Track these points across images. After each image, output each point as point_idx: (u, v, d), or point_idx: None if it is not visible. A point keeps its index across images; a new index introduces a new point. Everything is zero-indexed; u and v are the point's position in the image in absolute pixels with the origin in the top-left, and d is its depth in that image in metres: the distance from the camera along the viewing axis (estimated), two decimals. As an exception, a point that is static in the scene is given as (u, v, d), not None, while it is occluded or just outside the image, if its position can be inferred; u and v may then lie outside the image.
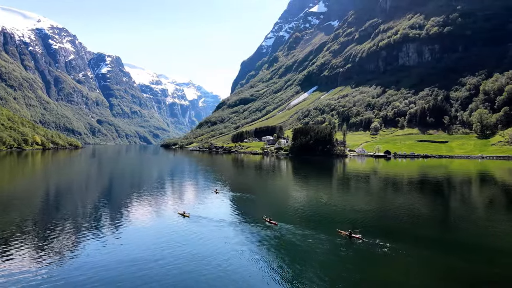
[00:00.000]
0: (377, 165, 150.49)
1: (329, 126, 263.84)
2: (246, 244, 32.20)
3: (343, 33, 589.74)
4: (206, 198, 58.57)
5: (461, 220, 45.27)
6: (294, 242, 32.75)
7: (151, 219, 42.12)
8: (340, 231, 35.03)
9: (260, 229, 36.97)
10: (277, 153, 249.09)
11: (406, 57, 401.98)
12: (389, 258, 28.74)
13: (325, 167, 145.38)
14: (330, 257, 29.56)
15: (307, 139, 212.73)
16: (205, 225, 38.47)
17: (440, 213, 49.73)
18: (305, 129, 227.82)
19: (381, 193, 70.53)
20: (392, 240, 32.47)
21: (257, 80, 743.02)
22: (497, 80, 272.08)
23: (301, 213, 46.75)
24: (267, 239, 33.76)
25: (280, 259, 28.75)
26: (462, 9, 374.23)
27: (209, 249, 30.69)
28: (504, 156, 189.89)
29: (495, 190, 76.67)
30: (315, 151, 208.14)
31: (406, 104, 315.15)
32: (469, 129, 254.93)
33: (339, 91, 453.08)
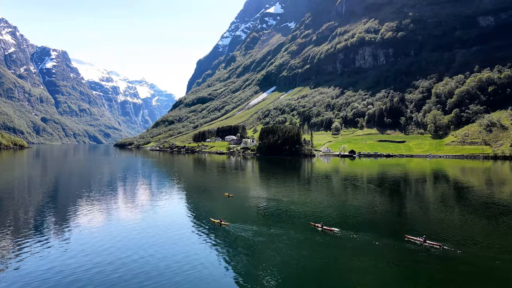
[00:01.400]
0: (343, 164, 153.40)
1: (292, 126, 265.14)
2: (196, 246, 32.57)
3: (300, 34, 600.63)
4: (160, 200, 58.00)
5: (412, 213, 49.33)
6: (245, 241, 33.76)
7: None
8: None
9: (212, 231, 37.13)
10: (244, 152, 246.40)
11: (363, 60, 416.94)
12: (347, 247, 31.94)
13: (295, 166, 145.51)
14: (290, 250, 31.17)
15: (275, 138, 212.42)
16: (154, 227, 38.49)
17: (397, 208, 53.32)
18: (272, 129, 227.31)
19: (348, 190, 73.74)
20: (352, 232, 36.07)
21: (215, 79, 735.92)
22: (447, 84, 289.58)
23: (262, 212, 47.07)
24: (215, 240, 34.23)
25: (228, 257, 29.66)
26: (413, 16, 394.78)
27: (159, 251, 30.83)
28: (459, 155, 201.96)
29: (446, 186, 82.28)
30: (283, 150, 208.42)
31: (365, 105, 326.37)
32: (424, 130, 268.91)
33: (298, 91, 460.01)
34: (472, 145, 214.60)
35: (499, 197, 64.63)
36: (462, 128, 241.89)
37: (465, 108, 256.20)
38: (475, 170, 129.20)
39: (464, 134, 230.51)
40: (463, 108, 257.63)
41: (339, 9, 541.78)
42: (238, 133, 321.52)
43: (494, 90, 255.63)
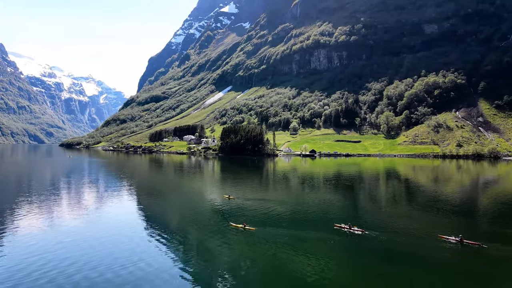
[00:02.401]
0: (306, 164, 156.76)
1: (255, 126, 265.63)
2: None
3: (256, 35, 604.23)
4: (109, 202, 56.70)
5: (364, 209, 53.17)
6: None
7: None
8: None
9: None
10: (205, 152, 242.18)
11: (318, 61, 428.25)
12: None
13: (265, 166, 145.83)
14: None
15: (238, 138, 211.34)
16: (97, 229, 37.89)
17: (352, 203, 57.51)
18: (234, 129, 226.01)
19: (308, 188, 76.65)
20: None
21: (168, 77, 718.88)
22: (397, 87, 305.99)
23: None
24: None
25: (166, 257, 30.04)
26: (365, 21, 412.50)
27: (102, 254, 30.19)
28: (411, 154, 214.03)
29: (397, 183, 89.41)
30: (246, 150, 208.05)
31: (321, 106, 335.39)
32: (377, 130, 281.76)
33: (254, 91, 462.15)
34: (422, 144, 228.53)
35: (444, 193, 69.60)
36: (412, 129, 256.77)
37: (414, 110, 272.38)
38: (425, 168, 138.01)
39: (414, 135, 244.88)
40: (412, 110, 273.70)
41: (294, 12, 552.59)
42: (197, 133, 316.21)
43: (439, 93, 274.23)
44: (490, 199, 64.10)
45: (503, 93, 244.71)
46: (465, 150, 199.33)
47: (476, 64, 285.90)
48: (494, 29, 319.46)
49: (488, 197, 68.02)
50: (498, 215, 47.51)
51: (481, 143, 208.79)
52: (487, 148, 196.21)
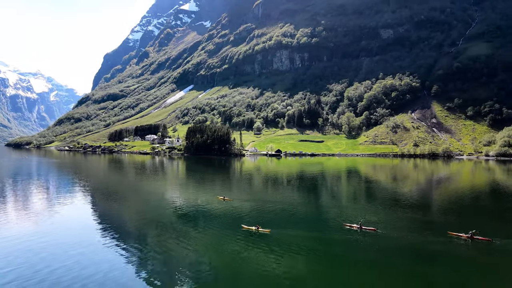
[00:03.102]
0: (271, 163, 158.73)
1: (221, 125, 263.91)
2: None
3: (217, 34, 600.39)
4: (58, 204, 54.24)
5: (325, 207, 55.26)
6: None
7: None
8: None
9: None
10: (170, 152, 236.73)
11: (280, 62, 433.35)
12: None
13: (235, 166, 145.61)
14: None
15: (204, 138, 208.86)
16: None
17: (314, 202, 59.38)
18: (200, 128, 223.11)
19: (273, 187, 78.35)
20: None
21: (126, 75, 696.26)
22: (357, 89, 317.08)
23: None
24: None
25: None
26: (325, 24, 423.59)
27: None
28: (372, 153, 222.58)
29: (358, 182, 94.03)
30: (212, 150, 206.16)
31: (284, 106, 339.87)
32: (339, 130, 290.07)
33: (217, 91, 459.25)
34: (382, 144, 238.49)
35: (401, 190, 74.53)
36: (372, 129, 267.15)
37: (374, 111, 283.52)
38: (384, 167, 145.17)
39: (374, 135, 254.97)
40: (372, 111, 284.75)
41: (255, 12, 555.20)
42: (159, 132, 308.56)
43: (396, 95, 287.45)
44: (443, 196, 68.19)
45: (454, 96, 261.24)
46: (422, 149, 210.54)
47: (429, 68, 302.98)
48: (444, 35, 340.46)
49: (440, 193, 72.38)
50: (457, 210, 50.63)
51: (435, 143, 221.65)
52: (441, 147, 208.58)
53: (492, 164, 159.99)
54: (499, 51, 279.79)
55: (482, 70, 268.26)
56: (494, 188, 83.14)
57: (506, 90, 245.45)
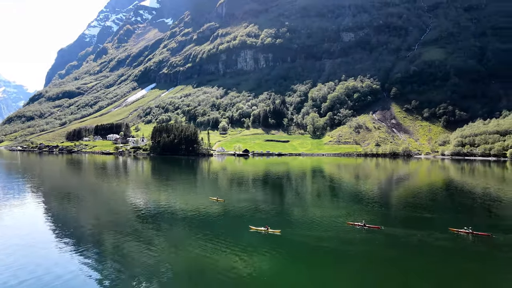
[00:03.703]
0: (239, 163, 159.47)
1: (188, 125, 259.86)
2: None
3: (180, 32, 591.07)
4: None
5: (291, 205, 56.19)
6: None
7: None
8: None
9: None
10: (135, 152, 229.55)
11: (244, 62, 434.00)
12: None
13: (200, 166, 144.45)
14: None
15: (172, 138, 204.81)
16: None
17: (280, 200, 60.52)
18: (167, 128, 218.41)
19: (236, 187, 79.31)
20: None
21: (83, 72, 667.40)
22: (321, 90, 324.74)
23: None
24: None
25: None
26: (289, 25, 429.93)
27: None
28: (337, 153, 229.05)
29: (322, 180, 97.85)
30: (180, 150, 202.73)
31: (249, 106, 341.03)
32: (304, 130, 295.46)
33: (180, 89, 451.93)
34: (346, 144, 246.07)
35: (364, 188, 78.56)
36: (336, 129, 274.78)
37: (337, 111, 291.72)
38: (349, 166, 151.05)
39: (338, 135, 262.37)
40: (335, 111, 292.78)
41: (219, 11, 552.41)
42: (122, 132, 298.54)
43: (358, 97, 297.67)
44: (402, 192, 72.22)
45: (411, 98, 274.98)
46: (383, 149, 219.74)
47: (388, 71, 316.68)
48: (401, 40, 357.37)
49: (401, 190, 76.61)
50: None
51: (395, 143, 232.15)
52: (401, 147, 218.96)
53: (447, 163, 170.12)
54: (451, 56, 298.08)
55: (436, 74, 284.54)
56: (449, 185, 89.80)
57: (458, 93, 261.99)
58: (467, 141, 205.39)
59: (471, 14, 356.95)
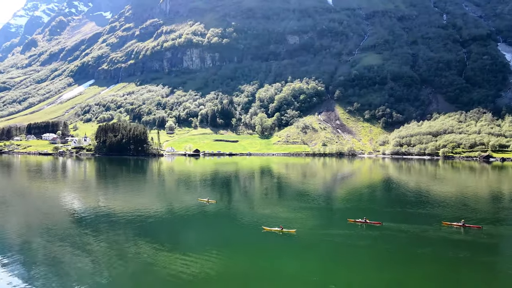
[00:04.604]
0: (189, 163, 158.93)
1: (137, 124, 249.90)
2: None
3: (120, 27, 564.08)
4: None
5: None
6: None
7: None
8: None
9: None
10: (78, 153, 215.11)
11: (190, 61, 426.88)
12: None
13: (151, 167, 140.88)
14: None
15: (119, 137, 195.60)
16: None
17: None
18: (114, 127, 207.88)
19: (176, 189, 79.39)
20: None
21: (9, 65, 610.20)
22: (268, 90, 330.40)
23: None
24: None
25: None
26: (236, 25, 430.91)
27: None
28: (286, 153, 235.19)
29: (270, 180, 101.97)
30: (129, 150, 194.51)
31: (197, 105, 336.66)
32: (252, 130, 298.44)
33: (122, 87, 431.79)
34: (294, 144, 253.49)
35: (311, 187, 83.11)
36: (284, 130, 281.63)
37: (284, 112, 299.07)
38: (296, 165, 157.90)
39: (286, 135, 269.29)
40: (282, 112, 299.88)
41: (163, 7, 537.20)
42: (59, 131, 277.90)
43: (304, 98, 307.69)
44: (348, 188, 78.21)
45: (353, 101, 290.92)
46: (330, 149, 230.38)
47: (331, 74, 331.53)
48: (343, 45, 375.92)
49: (345, 187, 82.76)
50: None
51: (340, 143, 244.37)
52: (346, 147, 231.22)
53: (387, 162, 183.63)
54: (388, 62, 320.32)
55: (375, 78, 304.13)
56: (387, 182, 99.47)
57: (394, 97, 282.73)
58: (404, 141, 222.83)
59: (403, 23, 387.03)
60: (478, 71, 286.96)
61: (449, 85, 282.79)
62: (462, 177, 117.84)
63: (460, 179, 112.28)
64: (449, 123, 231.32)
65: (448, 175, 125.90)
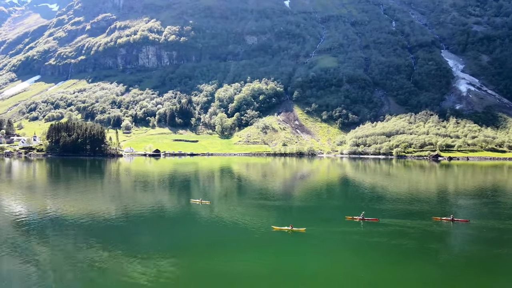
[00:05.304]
0: (150, 163, 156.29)
1: (93, 123, 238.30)
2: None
3: (69, 20, 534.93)
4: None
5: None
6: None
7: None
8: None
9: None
10: (27, 153, 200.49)
11: (146, 58, 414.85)
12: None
13: (101, 167, 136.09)
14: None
15: (74, 137, 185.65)
16: None
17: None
18: (68, 126, 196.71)
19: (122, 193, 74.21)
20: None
21: None
22: (227, 90, 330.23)
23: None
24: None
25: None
26: (194, 24, 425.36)
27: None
28: (248, 153, 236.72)
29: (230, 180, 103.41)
30: (85, 150, 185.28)
31: (154, 104, 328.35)
32: (212, 130, 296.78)
33: (73, 84, 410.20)
34: (255, 144, 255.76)
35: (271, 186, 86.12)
36: (244, 130, 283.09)
37: (244, 112, 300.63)
38: (257, 165, 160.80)
39: (247, 135, 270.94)
40: (242, 112, 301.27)
41: (116, 2, 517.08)
42: (3, 130, 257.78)
43: (264, 98, 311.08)
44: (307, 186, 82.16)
45: (311, 102, 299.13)
46: (291, 149, 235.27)
47: (289, 76, 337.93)
48: (300, 47, 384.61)
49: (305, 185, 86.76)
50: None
51: (300, 143, 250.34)
52: (306, 147, 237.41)
53: (345, 161, 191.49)
54: (343, 65, 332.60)
55: (331, 80, 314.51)
56: (344, 180, 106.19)
57: (350, 98, 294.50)
58: (360, 141, 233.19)
59: (356, 28, 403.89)
60: (424, 75, 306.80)
61: (399, 88, 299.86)
62: (413, 175, 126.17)
63: (411, 176, 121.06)
64: (400, 124, 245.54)
65: (400, 173, 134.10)
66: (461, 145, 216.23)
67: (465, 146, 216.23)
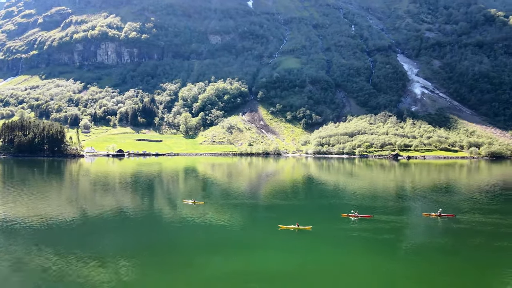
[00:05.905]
0: (113, 164, 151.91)
1: (52, 122, 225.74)
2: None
3: (19, 12, 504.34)
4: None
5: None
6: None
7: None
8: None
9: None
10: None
11: (106, 55, 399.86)
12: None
13: (60, 168, 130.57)
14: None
15: (31, 136, 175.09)
16: None
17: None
18: (23, 125, 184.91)
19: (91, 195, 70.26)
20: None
21: None
22: (191, 90, 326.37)
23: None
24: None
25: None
26: (155, 21, 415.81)
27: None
28: (214, 153, 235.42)
29: (195, 180, 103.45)
30: (43, 151, 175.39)
31: (115, 103, 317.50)
32: (177, 130, 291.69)
33: (24, 80, 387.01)
34: (220, 144, 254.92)
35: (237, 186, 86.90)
36: (209, 129, 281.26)
37: (209, 112, 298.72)
38: (222, 165, 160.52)
39: (212, 135, 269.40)
40: (207, 112, 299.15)
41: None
42: None
43: (228, 98, 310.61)
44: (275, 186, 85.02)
45: (275, 102, 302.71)
46: (257, 148, 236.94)
47: (254, 76, 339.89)
48: (264, 48, 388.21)
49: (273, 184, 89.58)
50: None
51: (265, 143, 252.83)
52: (272, 147, 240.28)
53: (310, 160, 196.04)
54: (306, 67, 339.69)
55: (295, 81, 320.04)
56: (309, 180, 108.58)
57: (313, 99, 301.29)
58: (324, 141, 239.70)
59: (318, 31, 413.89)
60: (382, 78, 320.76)
61: (359, 90, 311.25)
62: (374, 173, 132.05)
63: (372, 175, 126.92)
64: (361, 125, 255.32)
65: (362, 172, 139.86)
66: (418, 145, 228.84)
67: (421, 146, 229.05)
